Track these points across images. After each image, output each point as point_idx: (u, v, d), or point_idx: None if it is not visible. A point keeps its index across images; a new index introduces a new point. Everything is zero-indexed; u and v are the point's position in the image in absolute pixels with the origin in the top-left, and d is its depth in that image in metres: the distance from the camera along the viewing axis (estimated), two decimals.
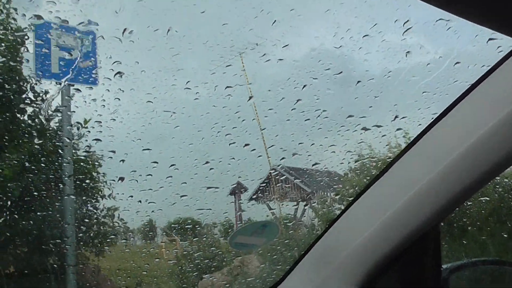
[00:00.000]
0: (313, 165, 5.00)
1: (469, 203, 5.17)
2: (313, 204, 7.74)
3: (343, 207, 1.45)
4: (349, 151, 5.29)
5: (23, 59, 4.85)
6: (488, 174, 1.06)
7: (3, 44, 4.71)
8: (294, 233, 6.99)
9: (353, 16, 4.10)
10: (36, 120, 4.23)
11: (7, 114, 4.44)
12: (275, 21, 3.86)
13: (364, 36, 4.11)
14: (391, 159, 1.27)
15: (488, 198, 4.97)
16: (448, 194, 1.10)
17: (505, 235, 5.19)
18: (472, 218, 5.29)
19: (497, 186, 5.17)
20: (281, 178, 7.09)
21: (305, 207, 7.95)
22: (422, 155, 1.18)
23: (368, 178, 5.36)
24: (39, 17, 4.31)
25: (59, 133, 4.30)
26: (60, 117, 4.34)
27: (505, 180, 4.99)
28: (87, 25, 4.37)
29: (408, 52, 3.92)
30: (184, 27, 3.55)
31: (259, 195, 7.50)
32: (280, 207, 7.51)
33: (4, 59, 4.60)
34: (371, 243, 1.23)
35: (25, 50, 4.88)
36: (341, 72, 4.26)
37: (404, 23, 3.51)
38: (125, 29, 3.30)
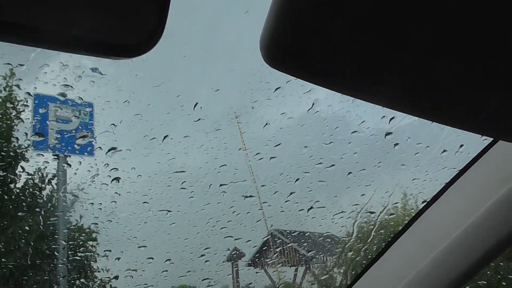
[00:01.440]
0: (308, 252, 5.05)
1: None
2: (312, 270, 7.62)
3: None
4: (343, 238, 5.34)
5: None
6: (482, 259, 1.08)
7: None
8: None
9: (341, 115, 4.32)
10: (35, 226, 4.29)
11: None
12: (266, 123, 4.04)
13: (352, 133, 4.31)
14: (386, 244, 1.29)
15: (485, 282, 4.95)
16: (444, 280, 1.12)
17: None
18: None
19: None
20: (278, 242, 7.03)
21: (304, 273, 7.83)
22: (416, 241, 1.21)
23: (364, 262, 5.35)
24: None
25: (55, 236, 4.36)
26: (57, 220, 4.41)
27: (500, 264, 4.99)
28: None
29: (396, 144, 4.07)
30: (179, 134, 3.72)
31: (256, 260, 7.42)
32: (278, 273, 7.40)
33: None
34: None
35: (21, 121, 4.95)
36: (333, 165, 4.41)
37: (390, 120, 3.69)
38: (114, 148, 3.44)
